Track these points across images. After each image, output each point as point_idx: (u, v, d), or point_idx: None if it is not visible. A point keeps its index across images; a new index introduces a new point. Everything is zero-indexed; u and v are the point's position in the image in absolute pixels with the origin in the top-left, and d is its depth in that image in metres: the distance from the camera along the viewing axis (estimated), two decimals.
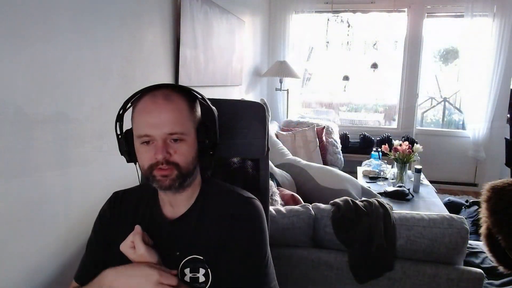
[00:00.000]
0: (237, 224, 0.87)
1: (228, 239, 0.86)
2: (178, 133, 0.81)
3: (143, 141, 0.82)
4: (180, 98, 0.84)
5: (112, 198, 0.98)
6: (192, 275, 0.86)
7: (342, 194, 2.02)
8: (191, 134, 0.84)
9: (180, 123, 0.82)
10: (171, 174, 0.82)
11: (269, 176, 1.12)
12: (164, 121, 0.80)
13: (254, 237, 0.87)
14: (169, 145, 0.81)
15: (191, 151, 0.84)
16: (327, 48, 4.75)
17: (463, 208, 2.56)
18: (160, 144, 0.80)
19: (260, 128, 1.05)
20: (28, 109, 1.06)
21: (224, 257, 0.86)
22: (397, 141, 3.14)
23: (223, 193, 0.93)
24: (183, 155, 0.82)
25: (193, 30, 2.16)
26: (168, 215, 0.91)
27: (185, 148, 0.83)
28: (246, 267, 0.85)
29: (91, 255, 0.94)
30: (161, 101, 0.81)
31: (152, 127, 0.80)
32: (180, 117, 0.82)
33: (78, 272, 0.95)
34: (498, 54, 3.85)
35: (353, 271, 1.43)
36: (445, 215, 1.45)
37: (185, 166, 0.83)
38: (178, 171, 0.82)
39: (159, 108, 0.81)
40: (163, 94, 0.82)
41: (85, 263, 0.95)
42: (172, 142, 0.81)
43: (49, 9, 1.11)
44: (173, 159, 0.81)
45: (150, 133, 0.80)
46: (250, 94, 3.84)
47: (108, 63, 1.42)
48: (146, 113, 0.81)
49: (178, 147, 0.82)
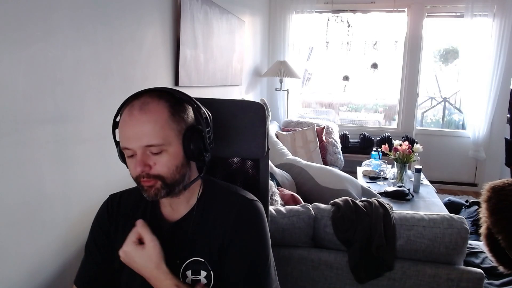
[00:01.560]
0: (240, 226, 0.86)
1: (231, 241, 0.85)
2: (155, 145, 0.78)
3: (128, 154, 0.81)
4: (159, 106, 0.79)
5: (109, 200, 0.97)
6: (193, 277, 0.86)
7: (342, 194, 2.02)
8: (173, 143, 0.80)
9: (157, 135, 0.77)
10: (155, 184, 0.80)
11: (269, 176, 1.11)
12: (139, 134, 0.77)
13: (257, 239, 0.87)
14: (148, 157, 0.78)
15: (173, 160, 0.80)
16: (327, 48, 4.75)
17: (463, 208, 2.56)
18: (139, 158, 0.78)
19: (260, 128, 1.05)
20: (28, 109, 1.06)
21: (227, 259, 0.85)
22: (397, 141, 3.14)
23: (225, 194, 0.92)
24: (165, 166, 0.79)
25: (193, 30, 2.16)
26: (168, 217, 0.90)
27: (166, 159, 0.79)
28: (249, 269, 0.85)
29: (90, 259, 0.93)
30: (137, 113, 0.77)
31: (129, 140, 0.78)
32: (156, 128, 0.77)
33: (78, 276, 0.94)
34: (498, 54, 3.85)
35: (353, 271, 1.43)
36: (445, 215, 1.45)
37: (168, 176, 0.80)
38: (162, 182, 0.80)
39: (134, 121, 0.77)
40: (140, 104, 0.78)
41: (84, 267, 0.94)
42: (152, 154, 0.79)
43: (49, 9, 1.11)
44: (154, 172, 0.79)
45: (129, 146, 0.78)
46: (250, 94, 3.84)
47: (108, 63, 1.42)
48: (124, 125, 0.79)
49: (158, 159, 0.79)
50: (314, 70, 5.42)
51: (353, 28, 4.71)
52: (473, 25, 3.90)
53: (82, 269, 0.94)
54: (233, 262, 0.85)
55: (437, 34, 4.91)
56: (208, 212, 0.89)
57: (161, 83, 1.89)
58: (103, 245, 0.92)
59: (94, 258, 0.92)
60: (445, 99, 5.11)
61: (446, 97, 5.14)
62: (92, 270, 0.92)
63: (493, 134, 4.09)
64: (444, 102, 5.12)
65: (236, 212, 0.87)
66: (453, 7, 4.18)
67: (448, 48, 5.53)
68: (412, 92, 4.39)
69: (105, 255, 0.92)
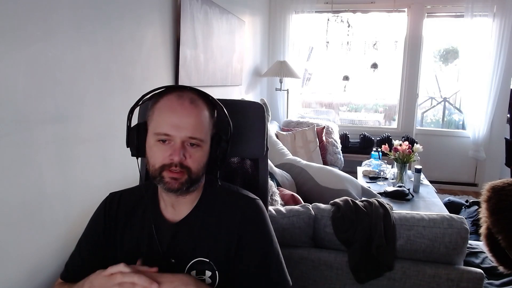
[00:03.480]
0: (247, 225, 0.87)
1: (239, 241, 0.86)
2: (197, 138, 0.81)
3: (160, 139, 0.81)
4: (204, 105, 0.85)
5: (108, 199, 0.97)
6: (198, 277, 0.86)
7: (342, 194, 2.02)
8: (207, 142, 0.85)
9: (201, 130, 0.82)
10: (182, 178, 0.81)
11: (268, 176, 1.11)
12: (187, 124, 0.80)
13: (265, 236, 0.89)
14: (186, 148, 0.81)
15: (203, 157, 0.85)
16: (327, 48, 4.75)
17: (463, 208, 2.56)
18: (178, 146, 0.80)
19: (260, 128, 1.05)
20: (28, 109, 1.06)
21: (237, 258, 0.86)
22: (397, 141, 3.14)
23: (227, 194, 0.93)
24: (197, 161, 0.83)
25: (193, 30, 2.16)
26: (170, 217, 0.90)
27: (200, 154, 0.83)
28: (261, 264, 0.86)
29: (77, 253, 0.94)
30: (188, 104, 0.81)
31: (174, 127, 0.80)
32: (202, 124, 0.83)
33: (64, 269, 0.95)
34: (498, 54, 3.85)
35: (353, 271, 1.43)
36: (445, 215, 1.45)
37: (196, 171, 0.83)
38: (189, 176, 0.82)
39: (185, 111, 0.81)
40: (190, 97, 0.83)
41: (71, 260, 0.95)
42: (189, 146, 0.82)
43: (49, 9, 1.11)
44: (187, 163, 0.81)
45: (171, 133, 0.80)
46: (250, 94, 3.84)
47: (108, 63, 1.42)
48: (171, 112, 0.81)
49: (193, 152, 0.82)
50: (314, 70, 5.43)
51: (353, 28, 4.71)
52: (473, 25, 3.90)
53: (68, 261, 0.95)
54: (244, 261, 0.86)
55: (437, 34, 4.91)
56: (211, 212, 0.90)
57: (161, 83, 1.89)
58: (93, 242, 0.93)
59: (81, 253, 0.93)
60: (445, 99, 5.11)
61: (446, 97, 5.14)
62: (76, 264, 0.93)
63: (493, 134, 4.09)
64: (444, 102, 5.12)
65: (241, 212, 0.89)
66: (453, 7, 4.18)
67: (448, 48, 5.53)
68: (412, 92, 4.39)
69: (93, 251, 0.92)
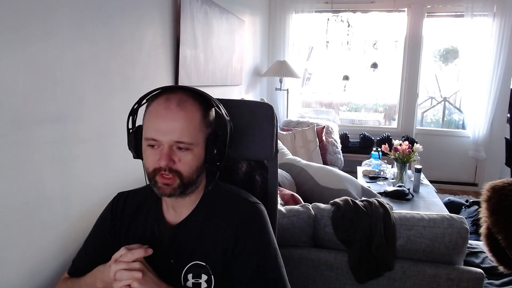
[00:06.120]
0: (244, 230, 0.86)
1: (235, 246, 0.85)
2: (185, 142, 0.79)
3: (149, 144, 0.81)
4: (194, 106, 0.81)
5: (115, 200, 0.98)
6: (194, 280, 0.86)
7: (342, 194, 2.02)
8: (199, 144, 0.82)
9: (189, 133, 0.79)
10: (173, 183, 0.80)
11: (277, 178, 1.08)
12: (173, 129, 0.78)
13: (262, 242, 0.86)
14: (174, 152, 0.79)
15: (196, 160, 0.82)
16: (327, 48, 4.75)
17: (463, 208, 2.56)
18: (165, 151, 0.78)
19: (268, 129, 1.02)
20: (27, 109, 1.06)
21: (232, 263, 0.85)
22: (397, 141, 3.13)
23: (227, 197, 0.92)
24: (187, 164, 0.81)
25: (193, 30, 2.16)
26: (170, 219, 0.90)
27: (190, 158, 0.81)
28: (256, 272, 0.84)
29: (84, 250, 0.97)
30: (174, 107, 0.79)
31: (160, 132, 0.78)
32: (190, 127, 0.80)
33: (71, 266, 0.98)
34: (498, 54, 3.85)
35: (353, 271, 1.43)
36: (445, 215, 1.45)
37: (187, 175, 0.81)
38: (180, 180, 0.81)
39: (171, 115, 0.78)
40: (178, 100, 0.80)
41: (78, 257, 0.97)
42: (178, 150, 0.80)
43: (49, 9, 1.11)
44: (176, 167, 0.80)
45: (157, 138, 0.79)
46: (250, 94, 3.84)
47: (108, 63, 1.42)
48: (157, 117, 0.79)
49: (183, 156, 0.80)
50: (314, 69, 5.42)
51: (353, 28, 4.71)
52: (473, 25, 3.89)
53: (75, 258, 0.98)
54: (239, 266, 0.84)
55: (437, 34, 4.91)
56: (210, 215, 0.89)
57: (161, 83, 1.89)
58: (99, 241, 0.95)
59: (87, 250, 0.96)
60: (445, 98, 5.11)
61: (446, 97, 5.14)
62: (82, 261, 0.96)
63: (493, 134, 4.09)
64: (444, 102, 5.11)
65: (238, 215, 0.87)
66: (453, 7, 4.18)
67: (448, 48, 5.53)
68: (412, 92, 4.39)
69: (99, 250, 0.94)
